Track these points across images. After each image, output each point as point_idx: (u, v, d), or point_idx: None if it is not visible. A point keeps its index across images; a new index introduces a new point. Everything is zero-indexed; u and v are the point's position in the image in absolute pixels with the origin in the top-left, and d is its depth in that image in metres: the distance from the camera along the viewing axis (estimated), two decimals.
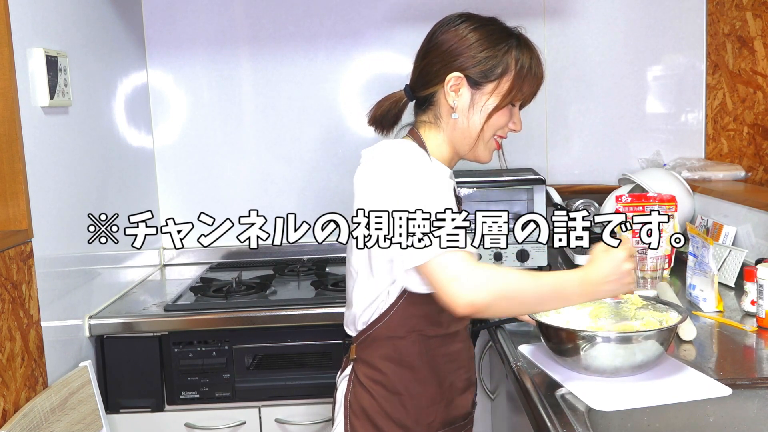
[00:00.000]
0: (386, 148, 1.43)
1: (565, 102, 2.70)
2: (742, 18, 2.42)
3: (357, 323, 1.50)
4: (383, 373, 1.46)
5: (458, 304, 1.26)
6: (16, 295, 1.64)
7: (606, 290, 1.35)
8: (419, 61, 1.50)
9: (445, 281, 1.27)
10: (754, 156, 2.42)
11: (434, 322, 1.46)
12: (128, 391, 2.07)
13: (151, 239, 2.62)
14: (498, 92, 1.44)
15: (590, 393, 1.32)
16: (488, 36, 1.44)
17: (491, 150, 1.52)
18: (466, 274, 1.26)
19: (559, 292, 1.33)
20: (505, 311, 1.37)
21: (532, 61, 1.46)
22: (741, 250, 1.98)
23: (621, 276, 1.34)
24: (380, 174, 1.39)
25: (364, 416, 1.47)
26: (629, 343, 1.34)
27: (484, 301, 1.26)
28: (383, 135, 1.56)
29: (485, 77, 1.43)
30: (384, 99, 1.54)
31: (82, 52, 2.08)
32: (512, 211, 2.58)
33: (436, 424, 1.49)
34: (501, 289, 1.28)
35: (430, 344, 1.47)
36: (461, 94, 1.44)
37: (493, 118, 1.45)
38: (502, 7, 2.61)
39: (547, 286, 1.33)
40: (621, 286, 1.35)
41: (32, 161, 1.74)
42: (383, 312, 1.45)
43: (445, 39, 1.45)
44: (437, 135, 1.49)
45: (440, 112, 1.48)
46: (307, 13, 2.66)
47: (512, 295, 1.30)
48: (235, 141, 2.71)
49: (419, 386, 1.47)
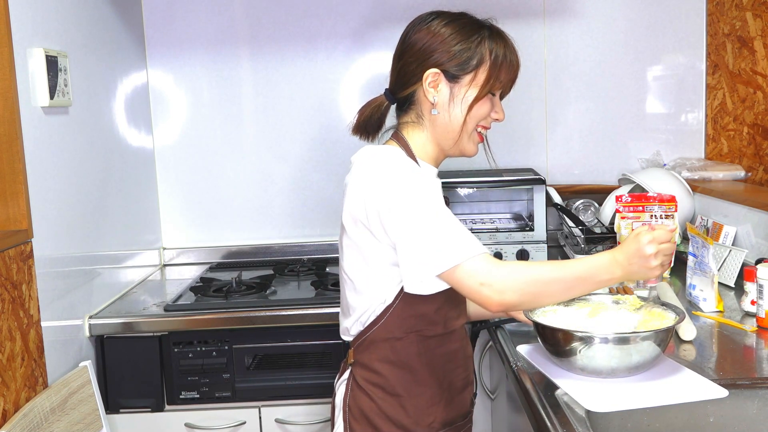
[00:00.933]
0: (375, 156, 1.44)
1: (565, 102, 2.70)
2: (742, 18, 2.42)
3: (353, 327, 1.50)
4: (382, 375, 1.46)
5: (490, 306, 1.34)
6: (16, 295, 1.64)
7: (631, 271, 1.37)
8: (396, 62, 1.52)
9: (475, 287, 1.33)
10: (754, 156, 2.42)
11: (432, 322, 1.46)
12: (128, 391, 2.07)
13: (152, 239, 2.64)
14: (476, 83, 1.46)
15: (586, 394, 1.31)
16: (460, 29, 1.46)
17: (476, 142, 1.53)
18: (493, 278, 1.32)
19: (590, 276, 1.37)
20: (536, 303, 1.41)
21: (507, 49, 1.48)
22: (741, 250, 1.98)
23: (643, 259, 1.36)
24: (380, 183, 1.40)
25: (364, 419, 1.47)
26: (626, 343, 1.34)
27: (513, 300, 1.34)
28: (368, 141, 1.57)
29: (462, 69, 1.45)
30: (365, 105, 1.55)
31: (82, 52, 2.08)
32: (512, 211, 2.58)
33: (436, 424, 1.48)
34: (528, 285, 1.34)
35: (428, 344, 1.47)
36: (440, 90, 1.46)
37: (474, 109, 1.47)
38: (502, 7, 2.61)
39: (574, 273, 1.37)
40: (644, 269, 1.37)
41: (32, 161, 1.74)
42: (380, 314, 1.45)
43: (418, 38, 1.47)
44: (420, 134, 1.51)
45: (421, 110, 1.49)
46: (307, 13, 2.66)
47: (539, 289, 1.36)
48: (235, 141, 2.71)
49: (418, 387, 1.47)
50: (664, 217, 2.14)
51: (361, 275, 1.45)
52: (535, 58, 2.64)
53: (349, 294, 1.50)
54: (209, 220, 2.74)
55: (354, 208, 1.42)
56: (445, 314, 1.48)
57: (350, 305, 1.50)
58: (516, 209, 2.57)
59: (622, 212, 2.18)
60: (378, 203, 1.38)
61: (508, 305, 1.34)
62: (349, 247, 1.46)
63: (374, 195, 1.39)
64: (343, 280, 1.51)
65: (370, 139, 1.57)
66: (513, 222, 2.47)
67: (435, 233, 1.34)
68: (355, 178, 1.44)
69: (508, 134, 2.69)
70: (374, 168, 1.42)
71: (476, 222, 2.46)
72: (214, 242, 2.74)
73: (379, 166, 1.42)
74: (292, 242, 2.73)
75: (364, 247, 1.43)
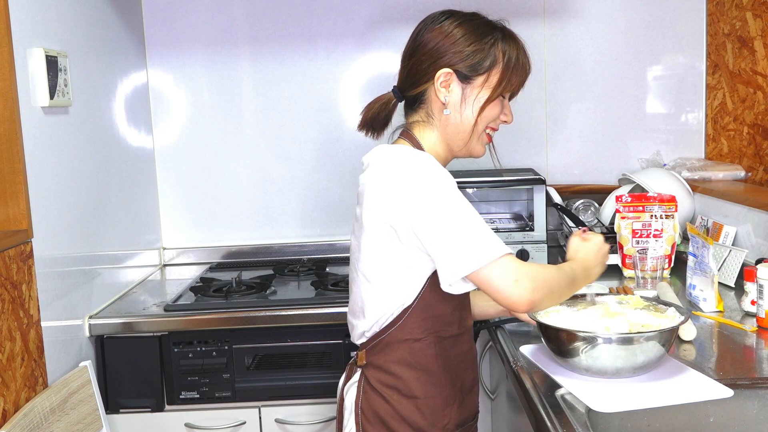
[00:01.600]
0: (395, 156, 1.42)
1: (565, 102, 2.70)
2: (742, 18, 2.42)
3: (370, 329, 1.47)
4: (398, 377, 1.45)
5: (521, 303, 1.33)
6: (16, 295, 1.64)
7: (596, 273, 1.51)
8: (406, 60, 1.51)
9: (508, 285, 1.32)
10: (754, 156, 2.42)
11: (448, 323, 1.46)
12: (128, 391, 2.07)
13: (151, 239, 2.64)
14: (488, 85, 1.45)
15: (591, 394, 1.31)
16: (474, 30, 1.45)
17: (484, 143, 1.53)
18: (524, 276, 1.33)
19: (574, 281, 1.45)
20: (550, 304, 1.42)
21: (519, 52, 1.48)
22: (741, 250, 1.98)
23: (605, 256, 1.52)
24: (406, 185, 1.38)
25: (378, 422, 1.45)
26: (631, 344, 1.34)
27: (540, 298, 1.34)
28: (375, 138, 1.56)
29: (474, 71, 1.44)
30: (373, 101, 1.54)
31: (82, 52, 2.08)
32: (512, 211, 2.58)
33: (451, 425, 1.48)
34: (549, 284, 1.36)
35: (444, 345, 1.46)
36: (452, 90, 1.45)
37: (485, 111, 1.46)
38: (502, 7, 2.61)
39: (569, 276, 1.43)
40: (603, 266, 1.52)
41: (32, 161, 1.74)
42: (398, 315, 1.44)
43: (431, 37, 1.46)
44: (431, 133, 1.50)
45: (432, 109, 1.49)
46: (307, 13, 2.66)
47: (555, 289, 1.39)
48: (235, 141, 2.71)
49: (435, 389, 1.46)
50: (664, 217, 2.14)
51: (382, 276, 1.43)
52: (535, 58, 2.61)
53: (366, 295, 1.46)
54: (209, 220, 2.74)
55: (379, 210, 1.40)
56: (459, 315, 1.49)
57: (366, 307, 1.47)
58: (516, 209, 2.57)
59: (622, 212, 2.18)
60: (406, 207, 1.36)
61: (536, 302, 1.34)
62: (370, 248, 1.43)
63: (401, 198, 1.37)
64: (359, 280, 1.48)
65: (377, 136, 1.56)
66: (513, 222, 2.47)
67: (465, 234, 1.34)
68: (377, 178, 1.41)
69: (508, 134, 2.69)
70: (398, 169, 1.40)
71: None
72: (214, 242, 2.74)
73: (402, 166, 1.40)
74: (292, 242, 2.73)
75: (388, 248, 1.40)
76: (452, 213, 1.34)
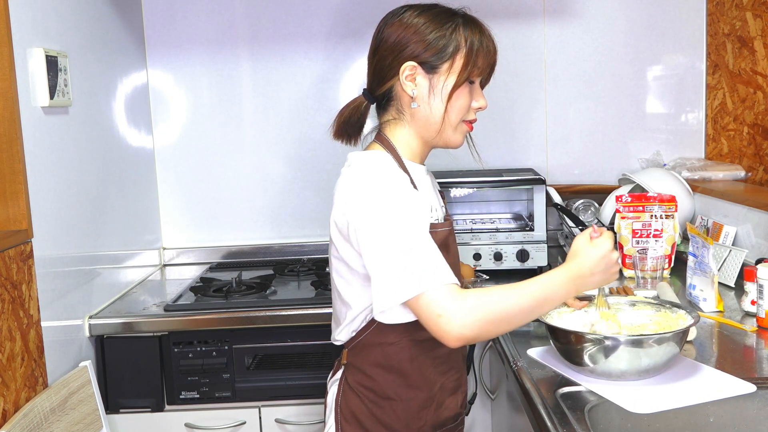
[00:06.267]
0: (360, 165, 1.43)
1: (565, 102, 2.70)
2: (742, 18, 2.42)
3: (342, 334, 1.49)
4: (373, 379, 1.46)
5: (448, 339, 1.29)
6: (16, 295, 1.64)
7: (593, 282, 1.37)
8: (371, 59, 1.50)
9: (433, 318, 1.29)
10: (754, 156, 2.42)
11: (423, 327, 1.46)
12: (128, 391, 2.07)
13: (151, 239, 2.64)
14: (453, 71, 1.43)
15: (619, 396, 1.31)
16: (433, 18, 1.44)
17: (463, 132, 1.50)
18: (452, 311, 1.27)
19: (547, 296, 1.34)
20: (496, 333, 1.35)
21: (482, 36, 1.45)
22: (741, 250, 1.98)
23: (609, 266, 1.37)
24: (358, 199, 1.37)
25: (354, 421, 1.47)
26: (641, 346, 1.34)
27: (472, 334, 1.28)
28: (351, 145, 1.55)
29: (438, 59, 1.42)
30: (344, 108, 1.53)
31: (82, 52, 2.08)
32: (512, 211, 2.58)
33: (427, 427, 1.48)
34: (486, 316, 1.28)
35: (420, 348, 1.45)
36: (418, 83, 1.44)
37: (453, 98, 1.44)
38: (502, 7, 2.60)
39: (532, 296, 1.32)
40: (608, 276, 1.38)
41: (32, 161, 1.74)
42: (369, 321, 1.44)
43: (391, 31, 1.45)
44: (402, 129, 1.49)
45: (401, 105, 1.48)
46: (307, 13, 2.66)
47: (499, 318, 1.30)
48: (235, 141, 2.71)
49: (410, 392, 1.46)
50: (664, 217, 2.14)
51: (347, 285, 1.45)
52: (535, 58, 2.64)
53: (336, 304, 1.50)
54: (209, 220, 2.74)
55: (337, 220, 1.41)
56: None
57: (338, 314, 1.50)
58: (516, 209, 2.57)
59: (622, 212, 2.18)
60: (354, 220, 1.36)
61: (466, 340, 1.29)
62: (335, 258, 1.46)
63: (352, 210, 1.37)
64: (333, 286, 1.51)
65: (353, 143, 1.54)
66: (513, 222, 2.47)
67: (400, 260, 1.30)
68: (340, 188, 1.43)
69: (508, 134, 2.69)
70: (357, 180, 1.40)
71: (476, 222, 2.46)
72: (214, 242, 2.74)
73: (361, 178, 1.40)
74: (292, 242, 2.73)
75: (348, 258, 1.42)
76: (391, 239, 1.31)
